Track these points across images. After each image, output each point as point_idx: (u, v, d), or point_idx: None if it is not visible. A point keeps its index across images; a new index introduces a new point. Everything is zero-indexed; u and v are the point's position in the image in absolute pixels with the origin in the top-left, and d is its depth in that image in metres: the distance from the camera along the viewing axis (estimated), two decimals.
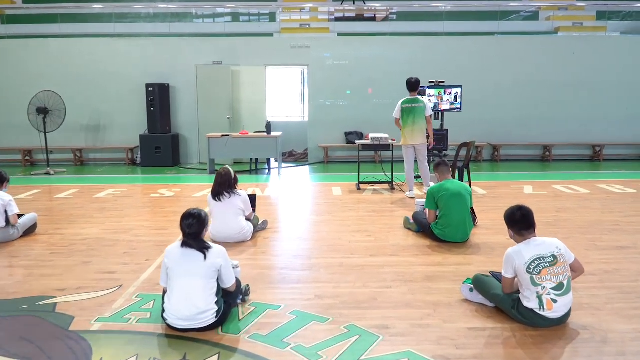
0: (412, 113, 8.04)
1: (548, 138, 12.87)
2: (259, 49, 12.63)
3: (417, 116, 8.04)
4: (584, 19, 14.61)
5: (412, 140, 8.08)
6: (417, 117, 8.04)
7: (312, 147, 12.86)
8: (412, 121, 8.07)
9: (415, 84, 8.17)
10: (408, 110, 8.06)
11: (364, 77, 12.63)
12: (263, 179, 10.52)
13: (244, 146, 10.69)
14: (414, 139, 8.07)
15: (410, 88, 8.18)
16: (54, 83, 11.75)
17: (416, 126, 8.08)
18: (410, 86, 8.18)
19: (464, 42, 12.83)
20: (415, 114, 8.04)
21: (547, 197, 8.18)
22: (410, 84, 8.19)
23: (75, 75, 12.42)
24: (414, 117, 8.04)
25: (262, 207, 7.34)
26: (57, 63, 12.45)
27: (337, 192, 8.69)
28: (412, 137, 8.07)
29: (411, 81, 8.19)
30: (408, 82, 8.19)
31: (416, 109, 8.05)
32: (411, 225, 6.19)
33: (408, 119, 8.07)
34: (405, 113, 8.06)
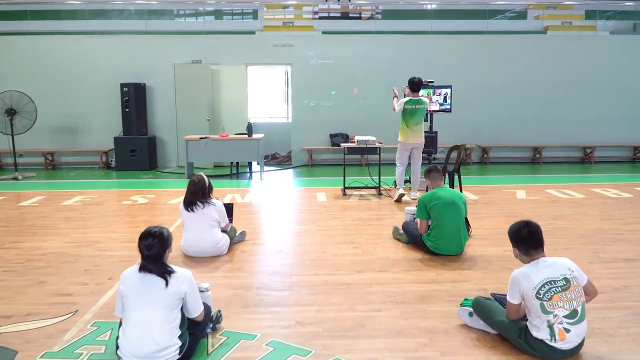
0: (416, 114, 7.85)
1: (538, 140, 12.54)
2: (240, 47, 12.12)
3: (420, 117, 7.91)
4: (572, 18, 14.32)
5: (414, 139, 7.88)
6: (420, 118, 7.90)
7: (296, 150, 12.38)
8: (416, 122, 7.88)
9: (418, 84, 7.88)
10: (412, 112, 7.81)
11: (349, 77, 12.19)
12: (244, 183, 10.01)
13: (224, 149, 10.18)
14: (416, 138, 7.89)
15: (413, 88, 7.89)
16: (23, 83, 11.12)
17: (418, 127, 7.92)
18: (413, 86, 7.89)
19: (451, 40, 12.45)
20: (419, 114, 7.89)
21: (541, 203, 7.80)
22: (413, 84, 7.88)
23: (46, 75, 11.80)
24: (417, 117, 7.86)
25: (241, 216, 6.85)
26: (26, 62, 11.81)
27: (322, 198, 8.23)
28: (414, 136, 7.87)
29: (414, 81, 7.87)
30: (411, 82, 7.89)
31: (420, 110, 7.88)
32: (401, 236, 5.74)
33: (411, 119, 7.81)
34: (409, 113, 7.81)
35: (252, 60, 12.23)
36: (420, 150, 8.01)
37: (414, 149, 7.96)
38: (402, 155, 8.03)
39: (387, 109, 12.25)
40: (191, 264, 5.00)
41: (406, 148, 7.94)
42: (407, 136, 7.87)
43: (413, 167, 8.09)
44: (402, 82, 9.44)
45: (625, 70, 12.49)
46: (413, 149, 7.95)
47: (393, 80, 12.11)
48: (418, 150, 7.98)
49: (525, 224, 3.32)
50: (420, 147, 7.98)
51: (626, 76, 12.50)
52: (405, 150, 7.96)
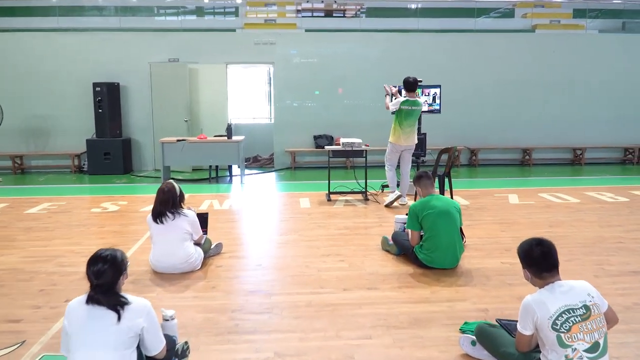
0: (412, 115, 7.44)
1: (527, 141, 12.23)
2: (219, 45, 11.62)
3: (415, 118, 7.54)
4: (560, 16, 14.05)
5: (406, 141, 7.49)
6: (414, 120, 7.53)
7: (279, 152, 11.91)
8: (410, 123, 7.49)
9: (414, 83, 7.45)
10: (408, 113, 7.39)
11: (333, 76, 11.75)
12: (223, 188, 9.51)
13: (202, 152, 9.66)
14: (408, 140, 7.51)
15: (409, 88, 7.45)
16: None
17: (412, 128, 7.54)
18: (408, 86, 7.45)
19: (439, 39, 12.08)
20: (414, 116, 7.50)
21: (535, 208, 7.42)
22: (409, 84, 7.44)
23: (14, 74, 11.19)
24: (412, 119, 7.47)
25: (218, 225, 6.37)
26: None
27: (305, 204, 7.77)
28: (406, 138, 7.48)
29: (409, 81, 7.43)
30: (406, 82, 7.45)
31: (416, 112, 7.48)
32: (390, 248, 5.31)
33: (406, 120, 7.41)
34: (404, 115, 7.38)
35: (232, 58, 11.73)
36: (411, 152, 7.63)
37: (405, 151, 7.58)
38: (392, 157, 7.63)
39: (373, 110, 11.92)
40: (160, 282, 4.51)
41: (397, 150, 7.55)
42: (399, 137, 7.46)
43: (402, 169, 7.70)
44: (389, 82, 9.06)
45: (615, 70, 12.24)
46: (404, 150, 7.56)
47: (379, 79, 11.70)
48: (409, 152, 7.60)
49: (538, 243, 2.89)
50: (411, 149, 7.61)
51: (616, 75, 12.25)
52: (395, 152, 7.57)
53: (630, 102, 12.34)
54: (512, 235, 5.98)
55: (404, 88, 7.46)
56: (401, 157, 7.65)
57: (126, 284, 4.46)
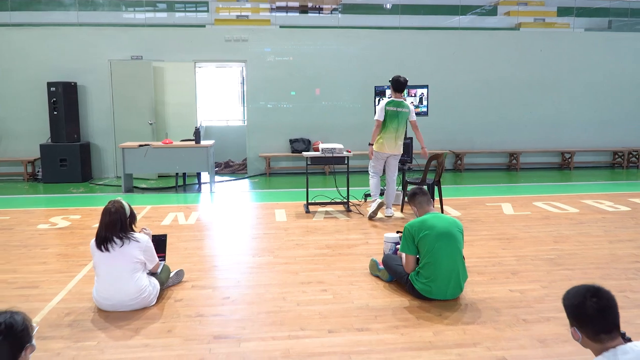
0: (397, 118, 6.70)
1: (514, 144, 11.67)
2: (187, 42, 10.75)
3: (402, 122, 6.77)
4: (545, 14, 13.57)
5: (391, 149, 6.75)
6: (401, 124, 6.76)
7: (252, 157, 11.09)
8: (396, 127, 6.72)
9: (404, 84, 6.74)
10: (393, 115, 6.67)
11: (310, 76, 11.00)
12: (190, 198, 8.67)
13: (168, 158, 8.80)
14: (393, 148, 6.77)
15: (397, 88, 6.72)
16: None
17: (399, 133, 6.79)
18: (397, 86, 6.71)
19: (421, 37, 11.43)
20: (400, 119, 6.73)
21: (533, 220, 6.79)
22: (398, 84, 6.69)
23: None
24: (398, 123, 6.71)
25: (181, 245, 5.56)
26: None
27: (281, 217, 6.99)
28: (391, 145, 6.73)
29: (399, 80, 6.69)
30: (395, 82, 6.70)
31: (402, 114, 6.72)
32: (381, 273, 4.57)
33: (391, 124, 6.68)
34: (389, 117, 6.66)
35: (201, 56, 10.88)
36: (397, 159, 6.90)
37: (390, 157, 6.86)
38: (376, 163, 6.90)
39: (353, 112, 11.20)
40: (104, 324, 3.69)
41: (381, 157, 6.83)
42: (383, 144, 6.73)
43: (388, 177, 6.99)
44: (370, 81, 8.39)
45: (602, 69, 11.78)
46: (389, 157, 6.84)
47: (359, 79, 11.06)
48: (395, 158, 6.89)
49: (593, 294, 2.16)
50: (396, 158, 6.90)
51: (604, 75, 11.79)
52: (380, 159, 6.85)
53: (619, 104, 11.90)
54: (514, 253, 5.31)
55: (391, 87, 6.75)
56: (386, 164, 6.93)
57: (62, 327, 3.66)
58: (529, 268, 4.87)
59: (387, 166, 6.93)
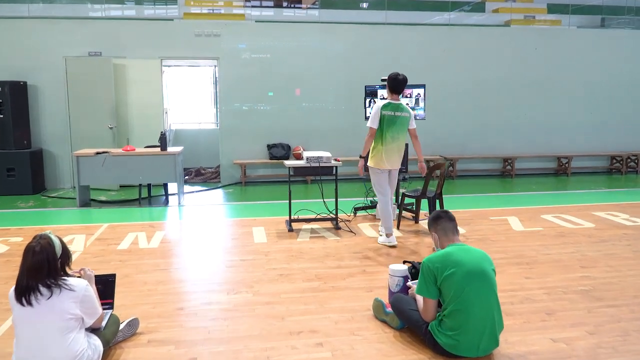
0: (394, 124, 5.50)
1: (508, 149, 10.93)
2: (152, 36, 9.67)
3: (401, 129, 5.56)
4: (535, 11, 12.89)
5: (392, 163, 5.60)
6: (400, 131, 5.56)
7: (226, 164, 10.07)
8: (395, 136, 5.53)
9: (403, 83, 5.55)
10: (390, 120, 5.48)
11: (290, 75, 10.04)
12: (155, 213, 7.62)
13: (129, 167, 7.74)
14: (392, 161, 5.59)
15: (395, 88, 5.56)
16: None
17: (397, 143, 5.58)
18: (395, 86, 5.54)
19: (408, 33, 10.57)
20: (398, 125, 5.53)
21: (548, 238, 5.96)
22: (396, 83, 5.52)
23: None
24: (396, 130, 5.52)
25: (141, 278, 4.55)
26: None
27: (261, 237, 6.01)
28: (389, 158, 5.56)
29: (397, 79, 5.51)
30: (393, 80, 5.53)
31: (400, 119, 5.53)
32: (389, 319, 3.65)
33: (389, 132, 5.49)
34: (387, 124, 5.48)
35: (168, 52, 9.81)
36: (396, 172, 5.84)
37: (392, 173, 5.76)
38: (380, 181, 5.65)
39: (336, 114, 10.25)
40: None
41: (381, 174, 5.64)
42: (381, 157, 5.52)
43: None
44: (355, 82, 7.51)
45: (599, 69, 11.14)
46: (392, 171, 5.74)
47: (343, 78, 10.15)
48: (394, 172, 5.80)
49: None
50: (395, 172, 5.80)
51: (601, 75, 11.16)
52: (380, 174, 5.64)
53: (616, 106, 11.27)
54: (541, 283, 4.46)
55: (388, 87, 5.60)
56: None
57: None
58: (565, 305, 4.01)
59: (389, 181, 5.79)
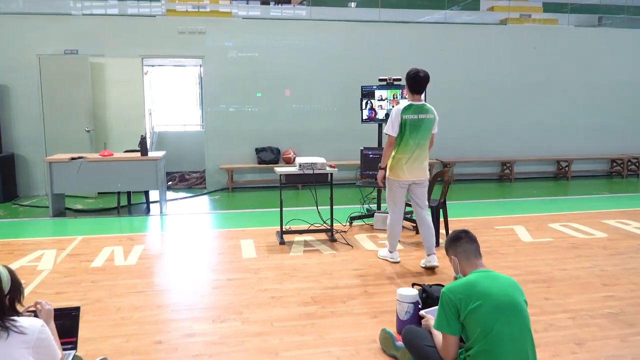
0: (419, 129, 4.76)
1: (507, 152, 10.53)
2: (132, 34, 9.11)
3: (426, 135, 4.82)
4: (530, 10, 12.54)
5: (414, 174, 4.81)
6: (425, 137, 4.82)
7: (212, 169, 9.54)
8: (417, 142, 4.77)
9: (425, 80, 4.83)
10: (414, 125, 4.74)
11: (279, 74, 9.55)
12: (135, 224, 7.06)
13: (107, 174, 7.18)
14: (415, 171, 4.81)
15: (416, 88, 4.82)
16: None
17: (421, 150, 4.82)
18: (417, 85, 4.81)
19: (403, 32, 10.13)
20: (423, 130, 4.79)
21: (561, 250, 5.53)
22: (419, 82, 4.80)
23: None
24: (421, 135, 4.78)
25: (114, 303, 4.01)
26: None
27: (249, 252, 5.50)
28: (412, 168, 4.79)
29: (418, 76, 4.79)
30: (414, 78, 4.80)
31: (425, 123, 4.79)
32: (400, 354, 3.17)
33: (412, 138, 4.75)
34: (409, 129, 4.74)
35: (149, 51, 9.25)
36: (422, 190, 4.93)
37: (414, 189, 4.92)
38: (396, 195, 4.91)
39: (328, 116, 9.75)
40: None
41: (400, 187, 4.89)
42: (402, 168, 4.78)
43: (419, 216, 4.97)
44: (348, 82, 7.03)
45: (598, 69, 10.80)
46: (411, 187, 4.91)
47: (335, 79, 9.68)
48: (420, 187, 4.91)
49: None
50: (422, 185, 4.92)
51: (601, 76, 10.82)
52: (400, 188, 4.88)
53: (616, 107, 10.94)
54: (564, 305, 4.01)
55: (408, 87, 4.87)
56: (411, 193, 4.95)
57: None
58: (595, 333, 3.55)
59: (414, 197, 4.95)
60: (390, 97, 6.51)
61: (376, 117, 6.54)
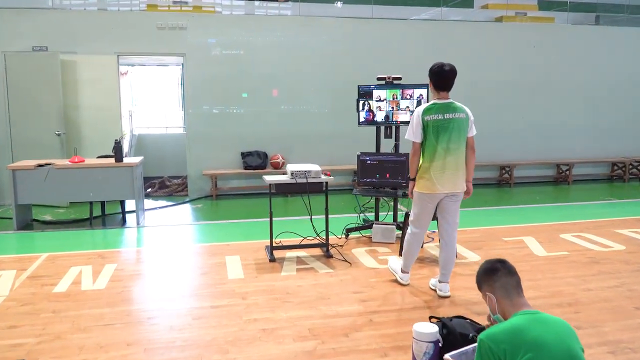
0: (447, 130, 4.02)
1: (506, 156, 10.06)
2: (107, 29, 8.45)
3: (457, 136, 4.04)
4: (525, 8, 12.11)
5: (444, 185, 4.04)
6: (456, 139, 4.03)
7: (194, 175, 8.91)
8: (447, 147, 4.01)
9: (452, 75, 4.10)
10: (439, 127, 4.02)
11: (266, 74, 8.96)
12: (108, 238, 6.42)
13: (78, 182, 6.53)
14: (447, 182, 4.04)
15: (441, 84, 4.10)
16: None
17: (454, 156, 4.03)
18: (442, 81, 4.10)
19: (397, 29, 9.60)
20: (453, 131, 4.03)
21: (581, 266, 5.02)
22: (444, 77, 4.08)
23: None
24: (450, 138, 4.02)
25: (77, 339, 3.41)
26: None
27: (236, 271, 4.90)
28: (443, 178, 4.03)
29: (444, 71, 4.07)
30: (438, 74, 4.10)
31: (455, 123, 4.04)
32: None
33: (440, 142, 4.01)
34: (434, 131, 4.02)
35: (126, 47, 8.59)
36: (457, 201, 4.15)
37: (446, 199, 4.13)
38: (423, 211, 4.17)
39: (319, 118, 9.18)
40: None
41: (432, 201, 4.12)
42: (430, 178, 4.03)
43: (445, 235, 4.20)
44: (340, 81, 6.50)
45: (597, 69, 10.38)
46: (445, 199, 4.13)
47: (326, 78, 9.10)
48: (453, 201, 4.13)
49: None
50: (456, 199, 4.13)
51: (600, 75, 10.41)
52: (429, 202, 4.13)
53: (617, 108, 10.53)
54: (599, 337, 3.47)
55: (432, 84, 4.15)
56: (440, 210, 4.19)
57: None
58: None
59: (443, 212, 4.18)
60: (390, 97, 5.95)
61: (374, 120, 5.98)
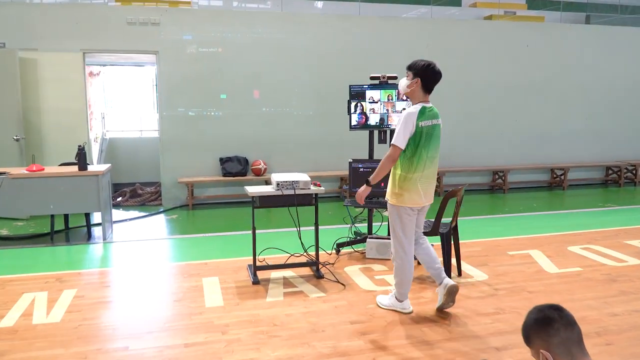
0: (431, 138, 3.73)
1: (498, 160, 9.63)
2: (72, 24, 7.75)
3: (437, 145, 3.80)
4: (514, 7, 11.74)
5: (427, 197, 3.80)
6: (436, 149, 3.80)
7: (168, 183, 8.25)
8: (432, 155, 3.73)
9: (440, 75, 3.73)
10: (429, 134, 3.71)
11: (247, 74, 8.35)
12: (70, 257, 5.74)
13: (36, 193, 5.84)
14: (429, 194, 3.82)
15: (432, 85, 3.74)
16: None
17: (434, 167, 3.80)
18: (433, 81, 3.72)
19: (385, 27, 9.09)
20: (436, 139, 3.77)
21: (597, 285, 4.54)
22: (436, 79, 3.72)
23: None
24: (435, 146, 3.77)
25: None
26: None
27: (214, 297, 4.28)
28: (427, 190, 3.78)
29: (436, 70, 3.71)
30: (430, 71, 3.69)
31: (437, 129, 3.78)
32: None
33: (425, 150, 3.69)
34: (425, 139, 3.69)
35: (93, 44, 7.89)
36: (425, 212, 3.98)
37: (420, 211, 3.90)
38: (408, 226, 3.82)
39: (304, 121, 8.55)
40: None
41: (411, 214, 3.80)
42: (417, 190, 3.72)
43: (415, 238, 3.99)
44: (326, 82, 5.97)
45: (591, 69, 10.03)
46: (419, 213, 3.90)
47: (311, 78, 8.55)
48: (424, 212, 3.95)
49: None
50: (427, 207, 3.95)
51: (594, 76, 10.04)
52: (413, 216, 3.82)
53: (613, 111, 10.18)
54: None
55: (421, 83, 3.70)
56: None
57: None
58: None
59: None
60: (385, 98, 5.40)
61: (367, 123, 5.43)
